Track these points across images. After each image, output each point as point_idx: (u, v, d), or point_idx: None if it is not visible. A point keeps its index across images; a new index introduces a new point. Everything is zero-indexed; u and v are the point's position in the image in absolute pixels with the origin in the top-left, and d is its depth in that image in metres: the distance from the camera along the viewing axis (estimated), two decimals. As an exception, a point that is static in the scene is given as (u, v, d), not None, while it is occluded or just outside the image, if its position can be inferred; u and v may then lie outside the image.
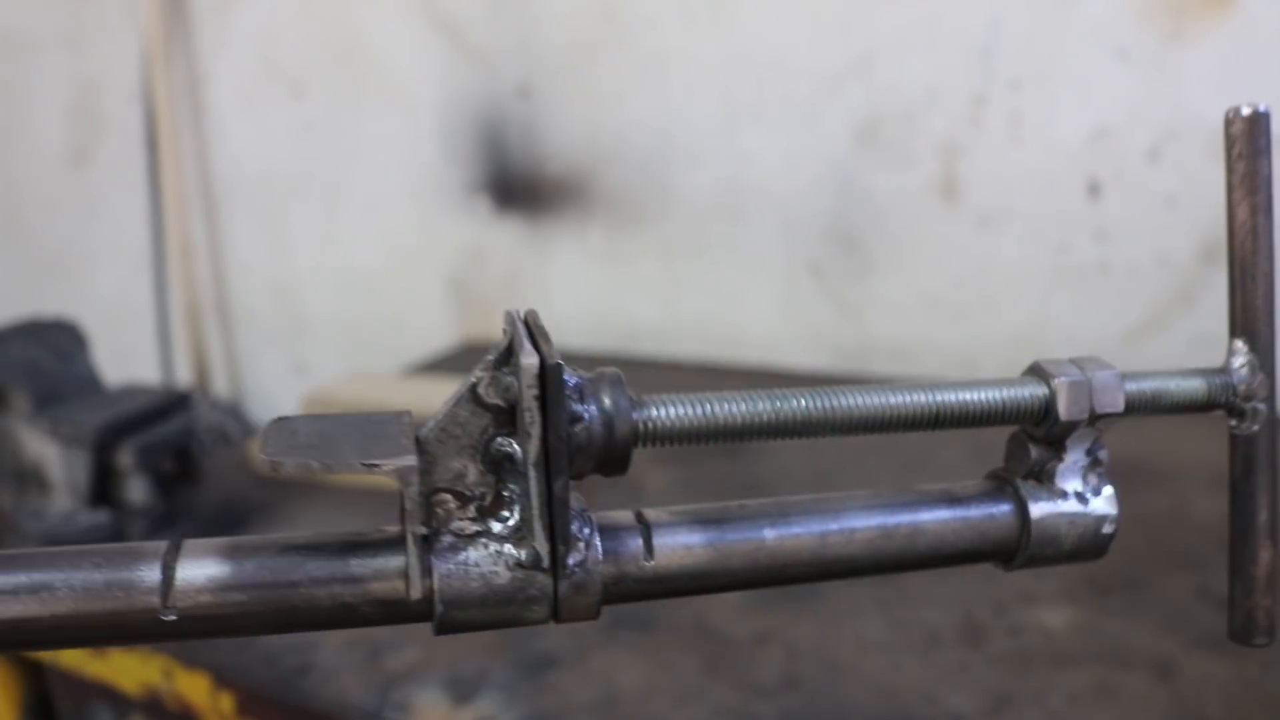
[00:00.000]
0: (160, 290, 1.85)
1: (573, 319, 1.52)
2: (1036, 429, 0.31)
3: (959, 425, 0.30)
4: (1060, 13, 1.11)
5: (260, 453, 0.24)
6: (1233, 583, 0.34)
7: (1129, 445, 0.99)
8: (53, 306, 1.82)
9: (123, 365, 1.80)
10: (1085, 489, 0.32)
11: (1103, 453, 0.33)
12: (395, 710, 0.61)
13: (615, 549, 0.28)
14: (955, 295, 1.25)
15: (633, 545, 0.28)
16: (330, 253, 1.75)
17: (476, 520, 0.27)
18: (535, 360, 0.25)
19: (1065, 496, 0.32)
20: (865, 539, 0.30)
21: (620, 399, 0.27)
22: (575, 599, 0.27)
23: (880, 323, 1.30)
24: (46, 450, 0.82)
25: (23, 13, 1.97)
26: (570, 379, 0.27)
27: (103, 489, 0.83)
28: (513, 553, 0.27)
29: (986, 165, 1.19)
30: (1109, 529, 0.33)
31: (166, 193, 1.80)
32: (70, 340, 0.91)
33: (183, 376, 1.89)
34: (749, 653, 0.66)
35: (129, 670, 0.71)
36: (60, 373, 0.88)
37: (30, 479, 0.83)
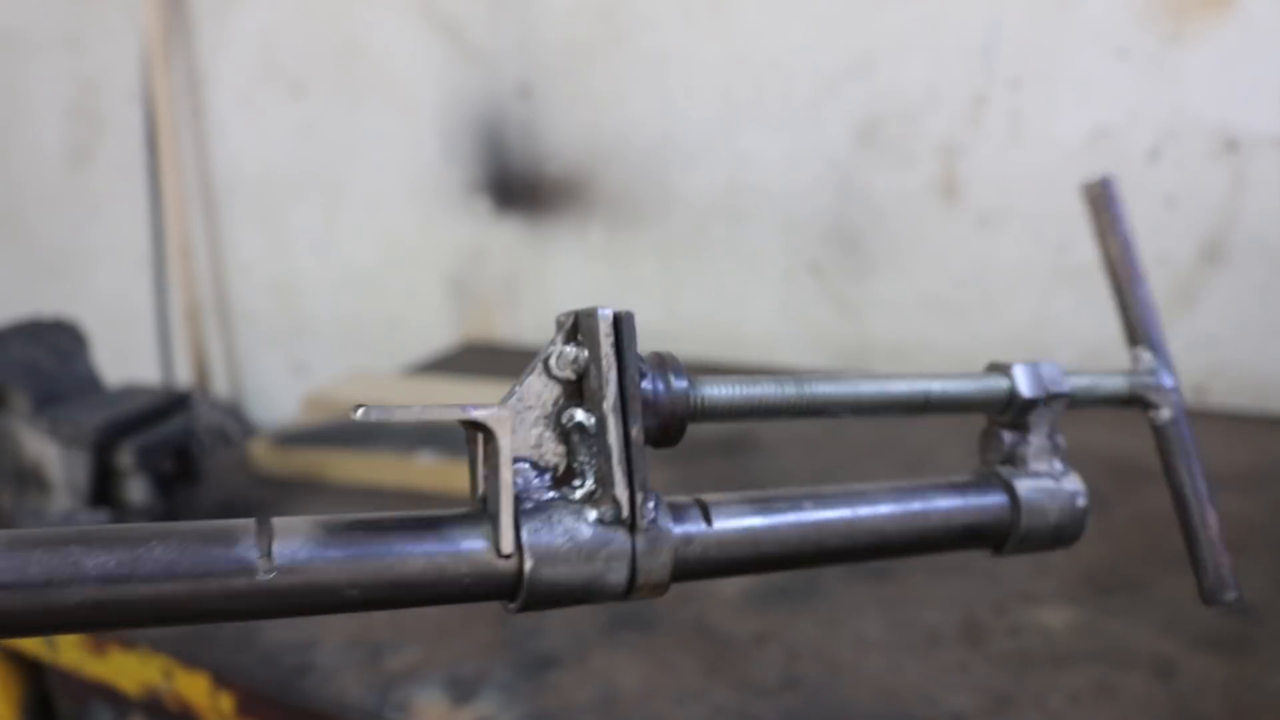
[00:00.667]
0: (160, 290, 1.85)
1: (573, 319, 1.52)
2: (1003, 415, 0.37)
3: (943, 411, 0.36)
4: (1060, 13, 1.11)
5: (353, 411, 0.25)
6: (1192, 551, 0.40)
7: (1129, 445, 0.99)
8: (53, 306, 1.82)
9: (123, 365, 1.80)
10: (1053, 469, 0.37)
11: (1060, 438, 0.37)
12: (395, 710, 0.61)
13: (680, 519, 0.30)
14: (955, 295, 1.25)
15: (695, 519, 0.30)
16: (330, 252, 1.75)
17: (552, 488, 0.28)
18: (609, 311, 0.28)
19: (1039, 475, 0.36)
20: (886, 522, 0.33)
21: (678, 374, 0.30)
22: (650, 559, 0.29)
23: (880, 323, 1.30)
24: (46, 450, 0.82)
25: (23, 13, 1.97)
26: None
27: (103, 489, 0.83)
28: (592, 511, 0.28)
29: (986, 165, 1.19)
30: (1082, 502, 0.36)
31: (166, 193, 1.80)
32: (70, 340, 0.91)
33: (183, 376, 1.89)
34: (749, 653, 0.66)
35: (129, 670, 0.71)
36: (60, 373, 0.88)
37: (30, 479, 0.83)
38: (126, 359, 1.93)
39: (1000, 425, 0.37)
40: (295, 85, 1.68)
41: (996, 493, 0.36)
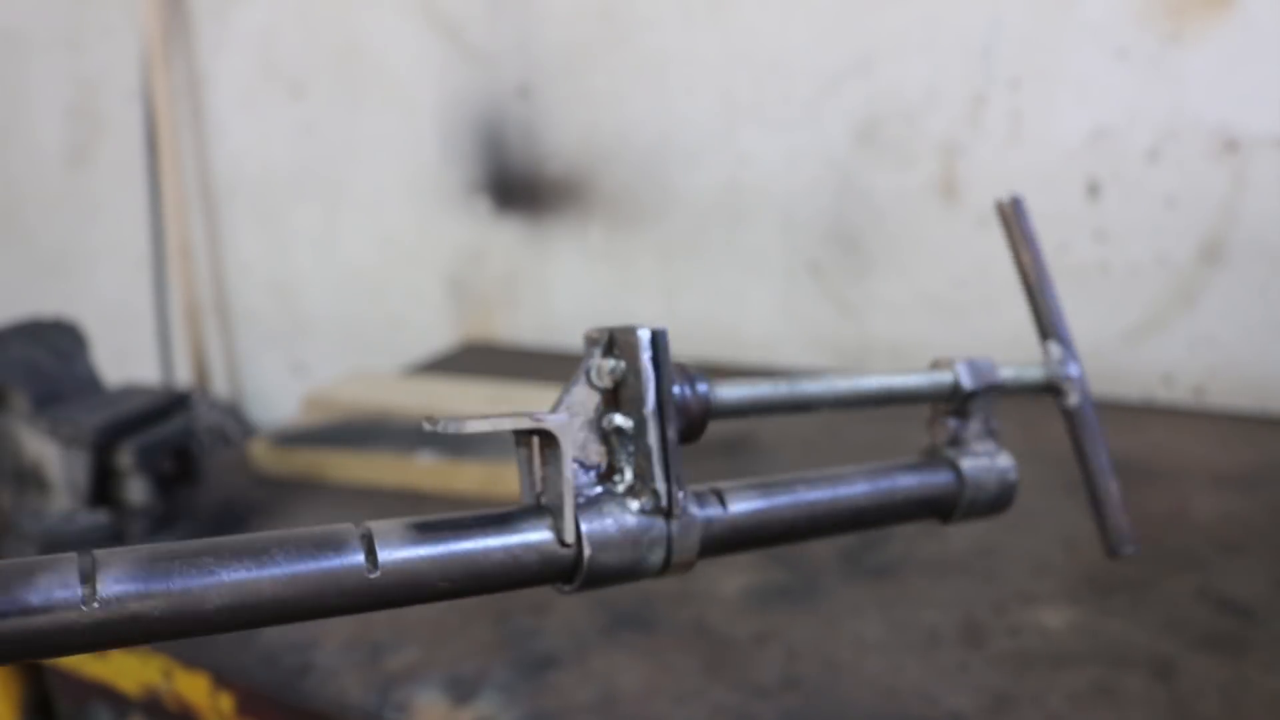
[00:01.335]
0: (160, 290, 1.85)
1: (572, 319, 1.52)
2: (948, 404, 0.44)
3: (902, 402, 0.43)
4: (1060, 13, 1.11)
5: (426, 421, 0.29)
6: (1097, 514, 0.46)
7: (1129, 445, 0.99)
8: (53, 306, 1.82)
9: (123, 365, 1.80)
10: (989, 449, 0.43)
11: (994, 423, 0.44)
12: (395, 710, 0.61)
13: (703, 506, 0.35)
14: (955, 295, 1.25)
15: (713, 505, 0.35)
16: (330, 253, 1.75)
17: (598, 483, 0.33)
18: (648, 330, 0.33)
19: (978, 455, 0.43)
20: (861, 499, 0.40)
21: (699, 379, 0.35)
22: (683, 541, 0.34)
23: (880, 323, 1.30)
24: (46, 450, 0.82)
25: (23, 13, 1.97)
26: None
27: (102, 489, 0.83)
28: (634, 502, 0.33)
29: (986, 165, 1.19)
30: (1013, 476, 0.43)
31: (166, 193, 1.80)
32: (70, 340, 0.91)
33: (182, 377, 1.89)
34: (749, 653, 0.66)
35: (129, 670, 0.71)
36: (60, 373, 0.88)
37: (30, 479, 0.83)
38: (126, 359, 1.93)
39: (945, 413, 0.44)
40: (295, 85, 1.68)
41: (945, 471, 0.42)
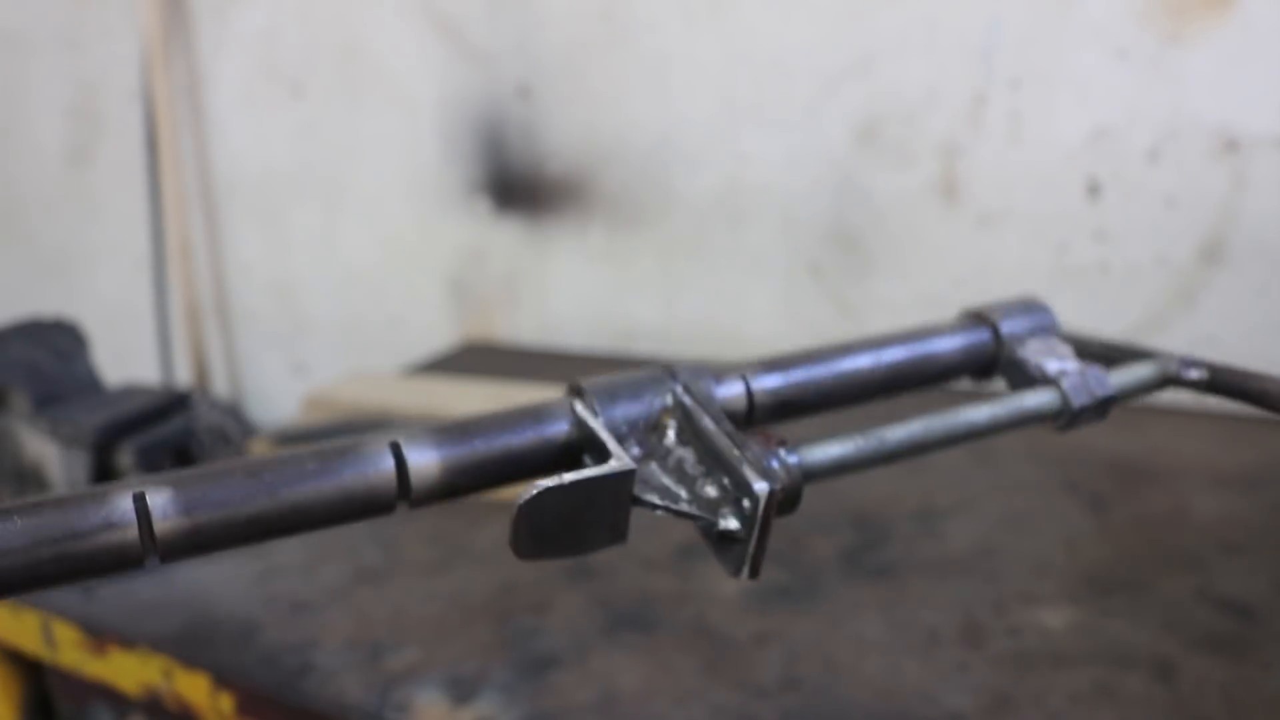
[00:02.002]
0: (160, 290, 1.85)
1: (572, 319, 1.52)
2: (1054, 422, 0.41)
3: (1014, 428, 0.41)
4: (1060, 13, 1.11)
5: (518, 551, 0.30)
6: None
7: (1129, 446, 0.99)
8: (53, 306, 1.82)
9: (123, 365, 1.80)
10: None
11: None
12: (395, 710, 0.61)
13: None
14: (955, 295, 1.25)
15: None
16: (330, 253, 1.75)
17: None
18: (765, 487, 0.32)
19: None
20: (903, 362, 0.42)
21: (789, 452, 0.35)
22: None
23: (880, 323, 1.30)
24: (46, 450, 0.82)
25: (23, 13, 1.97)
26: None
27: (103, 489, 0.83)
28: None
29: (986, 165, 1.19)
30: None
31: (166, 193, 1.80)
32: (70, 340, 0.91)
33: (183, 377, 1.89)
34: (749, 653, 0.66)
35: (129, 670, 0.71)
36: (60, 373, 0.88)
37: (30, 479, 0.83)
38: (126, 359, 1.93)
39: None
40: (295, 85, 1.68)
41: (982, 330, 0.43)
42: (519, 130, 1.49)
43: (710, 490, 0.34)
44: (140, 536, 0.27)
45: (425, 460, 0.31)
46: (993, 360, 0.43)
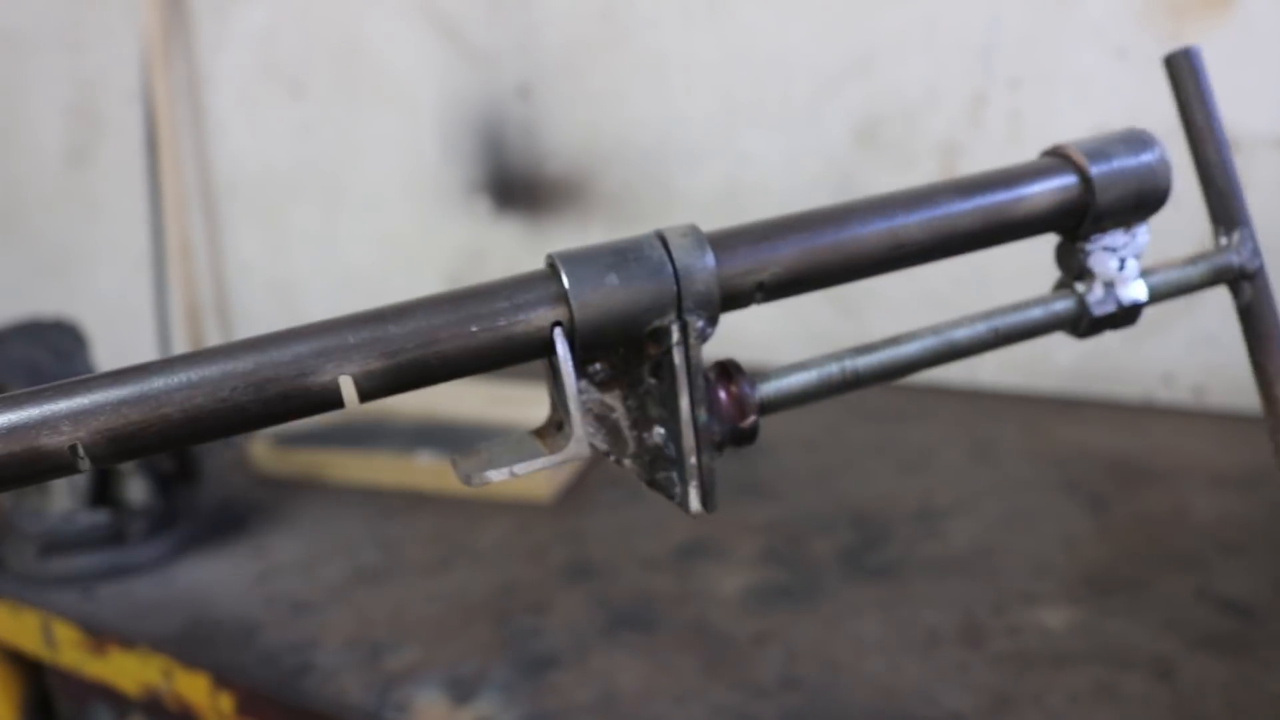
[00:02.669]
0: (160, 290, 1.85)
1: (573, 319, 1.52)
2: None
3: (1010, 342, 0.39)
4: (1060, 13, 1.11)
5: (457, 473, 0.32)
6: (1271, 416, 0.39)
7: (1129, 445, 0.99)
8: (53, 306, 1.82)
9: (122, 365, 1.80)
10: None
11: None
12: (395, 710, 0.61)
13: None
14: (955, 295, 1.25)
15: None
16: (330, 252, 1.75)
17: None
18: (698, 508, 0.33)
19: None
20: (963, 213, 0.36)
21: (741, 377, 0.35)
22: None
23: (880, 322, 1.30)
24: (46, 450, 0.82)
25: (23, 13, 1.97)
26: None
27: (103, 489, 0.83)
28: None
29: (986, 165, 1.19)
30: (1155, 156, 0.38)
31: (166, 193, 1.80)
32: (70, 340, 0.91)
33: (183, 376, 1.89)
34: (749, 653, 0.66)
35: (129, 670, 0.71)
36: (60, 373, 0.88)
37: (30, 479, 0.83)
38: (126, 359, 1.93)
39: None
40: (295, 85, 1.68)
41: (1066, 174, 0.36)
42: (519, 130, 1.49)
43: (658, 437, 0.34)
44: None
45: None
46: (1080, 217, 0.37)
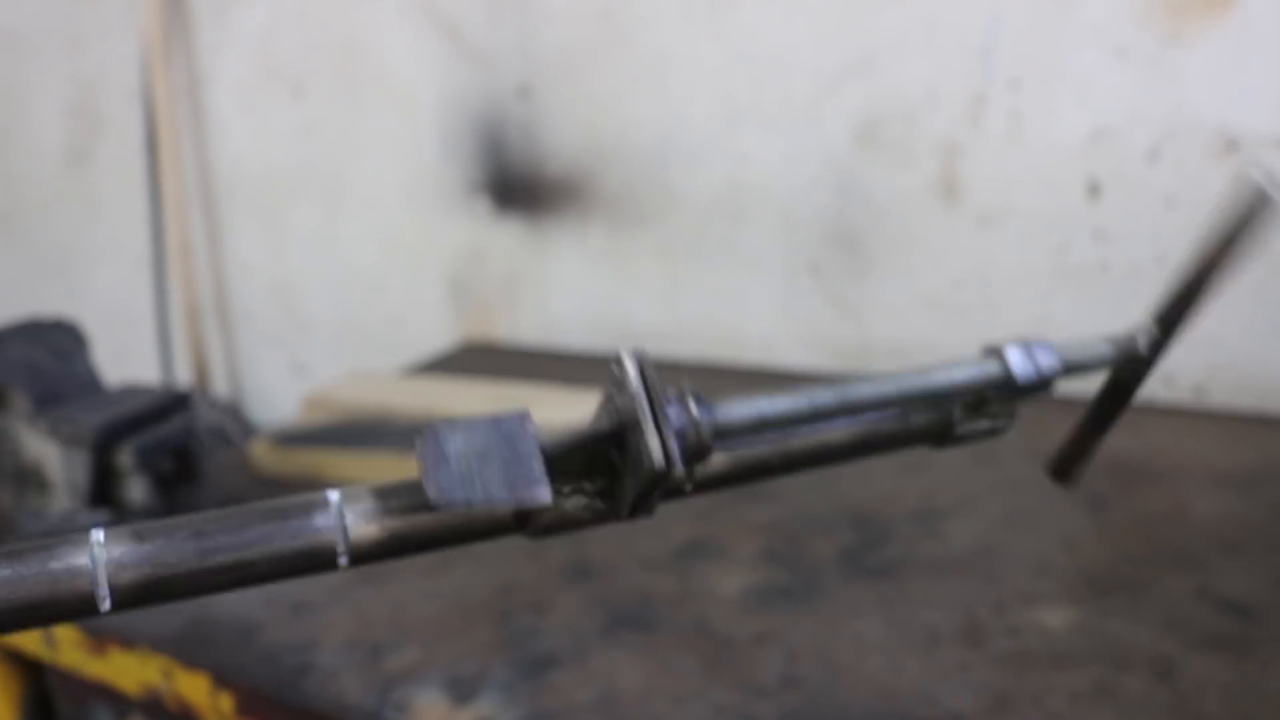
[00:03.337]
0: (160, 290, 1.85)
1: (572, 319, 1.52)
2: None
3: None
4: (1060, 13, 1.11)
5: (430, 492, 0.29)
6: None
7: (1129, 445, 0.99)
8: (53, 306, 1.82)
9: (123, 365, 1.80)
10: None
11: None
12: (395, 710, 0.61)
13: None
14: (955, 295, 1.25)
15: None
16: (330, 252, 1.75)
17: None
18: (631, 357, 0.32)
19: None
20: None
21: (698, 401, 0.33)
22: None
23: (880, 323, 1.30)
24: (46, 450, 0.82)
25: (23, 13, 1.97)
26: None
27: (103, 489, 0.83)
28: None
29: (986, 165, 1.19)
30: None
31: (166, 193, 1.80)
32: (70, 340, 0.91)
33: (183, 376, 1.89)
34: (749, 653, 0.66)
35: (129, 670, 0.71)
36: (60, 373, 0.88)
37: (30, 479, 0.83)
38: (126, 359, 1.93)
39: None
40: (295, 85, 1.68)
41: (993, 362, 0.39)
42: (519, 130, 1.49)
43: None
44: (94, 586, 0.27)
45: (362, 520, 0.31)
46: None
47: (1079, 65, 1.12)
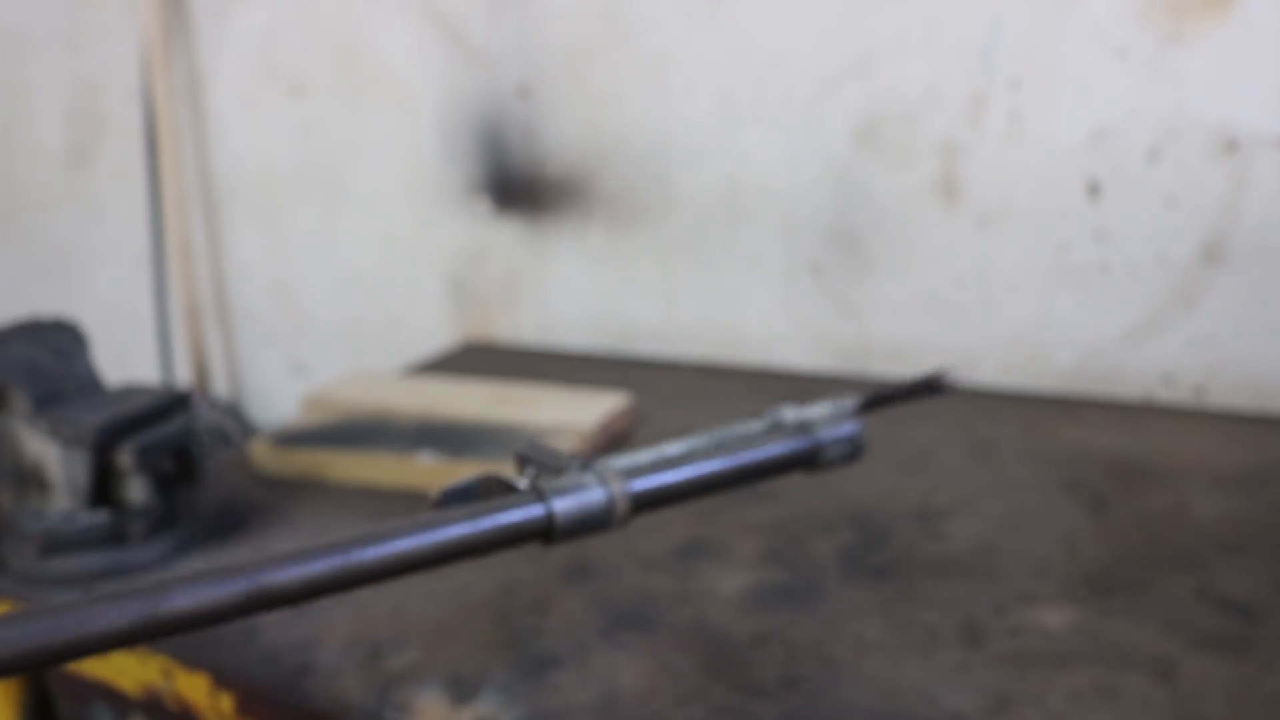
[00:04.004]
0: (160, 290, 1.85)
1: (572, 319, 1.52)
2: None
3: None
4: (1060, 13, 1.12)
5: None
6: None
7: (1129, 445, 0.99)
8: (53, 306, 1.82)
9: (123, 365, 1.80)
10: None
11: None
12: (395, 710, 0.61)
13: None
14: (955, 295, 1.25)
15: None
16: (330, 252, 1.75)
17: None
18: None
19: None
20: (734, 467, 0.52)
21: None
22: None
23: (880, 323, 1.30)
24: (46, 450, 0.82)
25: (23, 13, 1.97)
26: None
27: (103, 489, 0.83)
28: None
29: (986, 165, 1.19)
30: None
31: (166, 193, 1.80)
32: (70, 340, 0.91)
33: (183, 376, 1.89)
34: (749, 653, 0.66)
35: (129, 670, 0.71)
36: (60, 373, 0.88)
37: (30, 479, 0.83)
38: (126, 359, 1.93)
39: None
40: (295, 85, 1.69)
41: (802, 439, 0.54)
42: (519, 130, 1.49)
43: None
44: None
45: None
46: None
47: (1079, 65, 1.12)
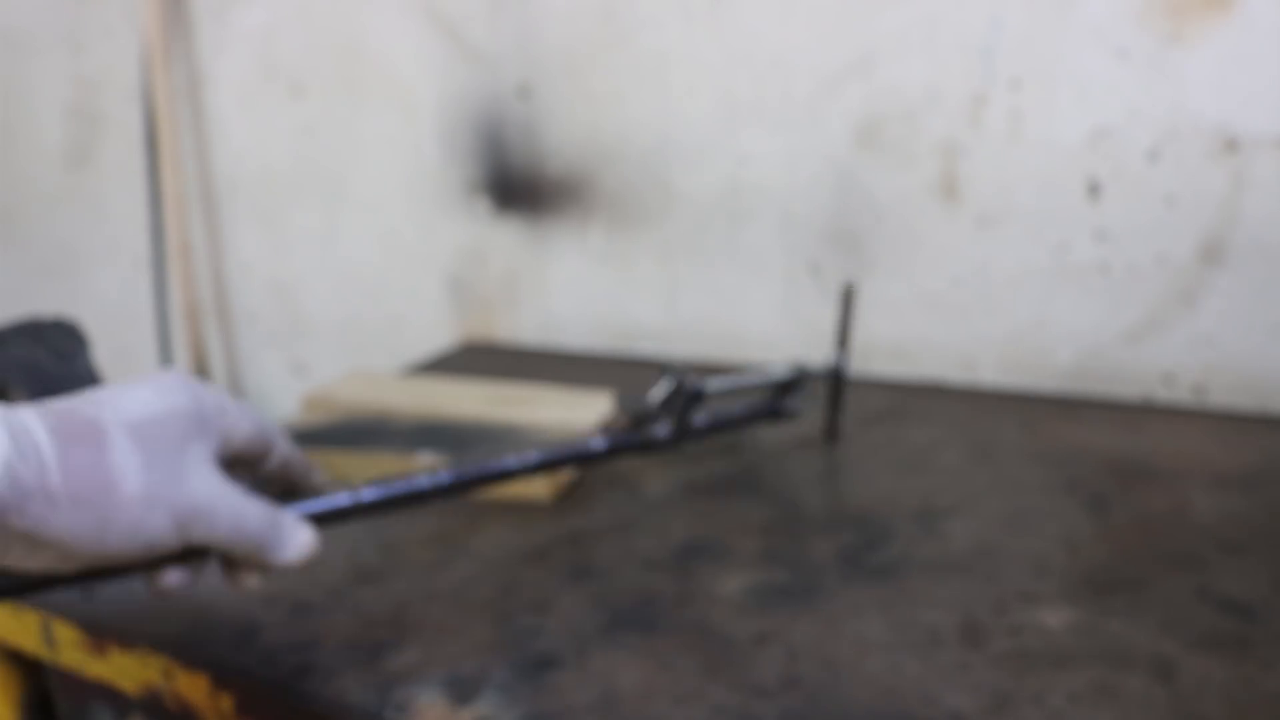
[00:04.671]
0: (160, 290, 1.85)
1: (573, 319, 1.52)
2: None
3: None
4: (1060, 13, 1.12)
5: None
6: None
7: (1129, 445, 0.99)
8: (53, 306, 1.82)
9: (123, 365, 1.80)
10: None
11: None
12: (395, 710, 0.61)
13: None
14: (955, 295, 1.25)
15: None
16: (330, 252, 1.75)
17: None
18: None
19: None
20: None
21: None
22: None
23: (880, 323, 1.30)
24: (46, 450, 0.82)
25: (23, 13, 1.97)
26: None
27: (103, 489, 0.83)
28: None
29: (986, 165, 1.19)
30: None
31: (166, 193, 1.80)
32: (70, 340, 0.91)
33: (183, 376, 1.89)
34: (749, 653, 0.66)
35: (129, 670, 0.71)
36: (60, 372, 0.88)
37: (30, 479, 0.83)
38: (126, 359, 1.93)
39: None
40: (295, 85, 1.69)
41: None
42: (519, 130, 1.49)
43: None
44: None
45: None
46: None
47: (1079, 65, 1.12)
